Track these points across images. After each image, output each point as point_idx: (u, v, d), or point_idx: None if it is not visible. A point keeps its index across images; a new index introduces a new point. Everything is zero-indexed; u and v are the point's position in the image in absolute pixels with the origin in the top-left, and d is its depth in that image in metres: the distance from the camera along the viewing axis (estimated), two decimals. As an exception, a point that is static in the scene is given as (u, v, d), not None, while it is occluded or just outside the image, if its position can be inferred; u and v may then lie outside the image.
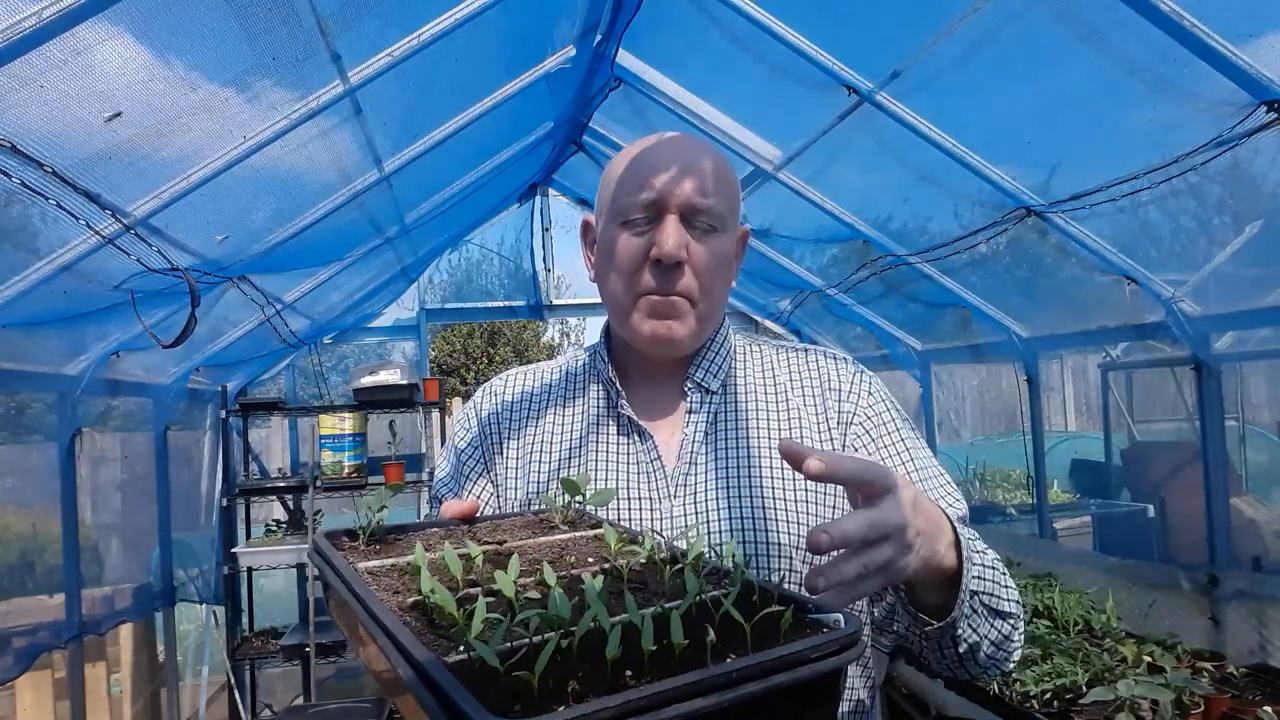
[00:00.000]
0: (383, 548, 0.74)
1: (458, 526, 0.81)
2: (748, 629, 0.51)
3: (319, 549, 0.71)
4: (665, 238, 0.94)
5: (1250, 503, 3.15)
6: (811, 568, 0.65)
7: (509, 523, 0.84)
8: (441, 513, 0.84)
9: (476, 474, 1.08)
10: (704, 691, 0.43)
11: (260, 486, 4.18)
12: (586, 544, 0.76)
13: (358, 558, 0.70)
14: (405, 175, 2.84)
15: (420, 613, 0.57)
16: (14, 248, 1.88)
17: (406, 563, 0.68)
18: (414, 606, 0.58)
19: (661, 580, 0.64)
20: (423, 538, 0.77)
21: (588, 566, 0.68)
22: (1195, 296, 2.62)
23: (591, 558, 0.71)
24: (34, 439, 2.74)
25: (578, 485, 0.81)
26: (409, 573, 0.66)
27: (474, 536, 0.78)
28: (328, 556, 0.68)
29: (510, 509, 1.04)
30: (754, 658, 0.47)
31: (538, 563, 0.67)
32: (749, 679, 0.45)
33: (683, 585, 0.59)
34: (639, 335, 0.99)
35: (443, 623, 0.54)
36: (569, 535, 0.78)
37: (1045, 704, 2.30)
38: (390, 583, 0.64)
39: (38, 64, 1.36)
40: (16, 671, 2.50)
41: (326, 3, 1.73)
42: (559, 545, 0.75)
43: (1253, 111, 1.85)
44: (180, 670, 3.96)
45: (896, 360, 4.40)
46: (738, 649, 0.49)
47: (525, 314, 5.27)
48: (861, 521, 0.65)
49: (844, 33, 2.45)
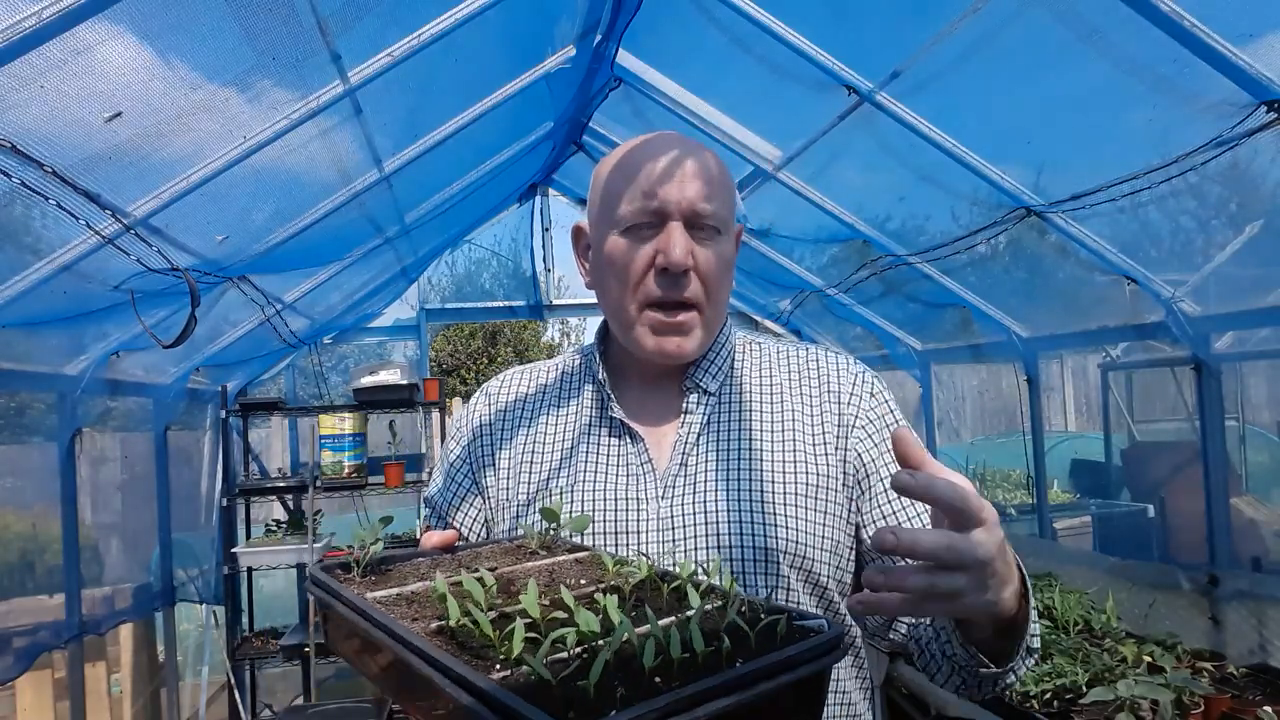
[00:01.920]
0: (378, 578, 0.75)
1: (442, 555, 0.84)
2: (752, 636, 0.57)
3: (320, 581, 0.72)
4: (672, 246, 0.92)
5: (1250, 503, 3.15)
6: (873, 565, 0.64)
7: (488, 550, 0.86)
8: (423, 543, 0.85)
9: (465, 489, 1.08)
10: (728, 691, 0.49)
11: (260, 486, 4.18)
12: (572, 566, 0.78)
13: (362, 589, 0.71)
14: (405, 175, 2.84)
15: (446, 637, 0.59)
16: (14, 248, 1.88)
17: (411, 592, 0.71)
18: (438, 631, 0.61)
19: (660, 597, 0.67)
20: (412, 567, 0.80)
21: (584, 588, 0.71)
22: (1195, 296, 2.62)
23: (585, 580, 0.73)
24: (34, 439, 2.74)
25: (555, 513, 0.84)
26: (416, 601, 0.68)
27: (460, 564, 0.80)
28: (334, 590, 0.69)
29: (504, 514, 1.04)
30: (762, 660, 0.52)
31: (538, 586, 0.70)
32: (762, 678, 0.51)
33: (678, 601, 0.66)
34: (644, 348, 0.97)
35: (472, 644, 0.57)
36: (550, 560, 0.80)
37: (1045, 704, 2.30)
38: (404, 611, 0.66)
39: (38, 64, 1.36)
40: (16, 671, 2.49)
41: (326, 3, 1.73)
42: (546, 569, 0.77)
43: (1253, 111, 1.85)
44: (180, 670, 3.96)
45: (896, 360, 4.40)
46: (743, 654, 0.54)
47: (525, 314, 5.27)
48: (940, 540, 0.62)
49: (844, 32, 2.45)
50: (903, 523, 0.98)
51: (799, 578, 0.94)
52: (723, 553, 0.93)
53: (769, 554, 0.93)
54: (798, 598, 0.94)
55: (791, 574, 0.93)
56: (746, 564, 0.93)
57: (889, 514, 0.98)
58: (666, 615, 0.61)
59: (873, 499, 0.99)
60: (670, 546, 0.94)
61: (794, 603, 0.94)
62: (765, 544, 0.93)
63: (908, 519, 0.98)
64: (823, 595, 0.96)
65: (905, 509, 0.98)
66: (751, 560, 0.93)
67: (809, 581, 0.95)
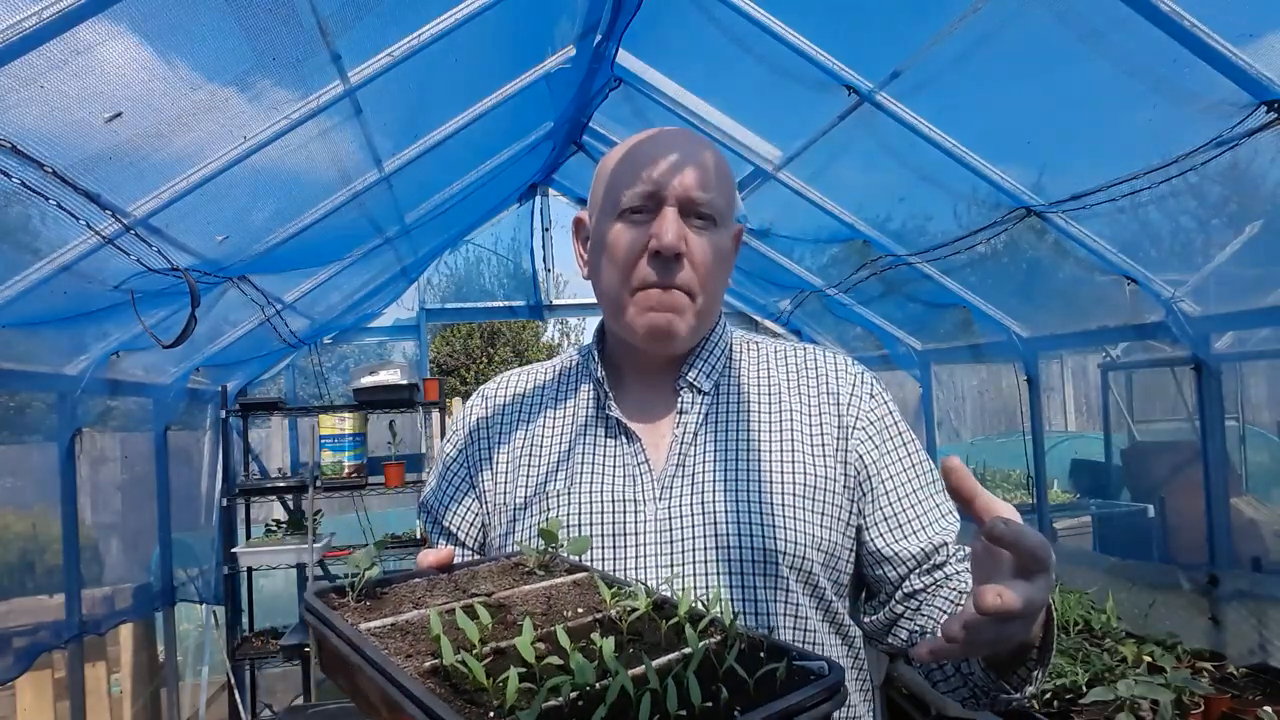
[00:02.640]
0: (374, 604, 0.74)
1: (438, 576, 0.83)
2: (751, 684, 0.55)
3: (314, 610, 0.71)
4: (665, 229, 0.92)
5: (1250, 503, 3.15)
6: (952, 617, 0.65)
7: (485, 569, 0.85)
8: (419, 562, 0.84)
9: (462, 492, 1.07)
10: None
11: (260, 486, 4.18)
12: (569, 590, 0.77)
13: (355, 617, 0.70)
14: (405, 175, 2.84)
15: (440, 678, 0.58)
16: (14, 248, 1.88)
17: (405, 621, 0.70)
18: (432, 671, 0.59)
19: (658, 631, 0.66)
20: (408, 589, 0.78)
21: (581, 618, 0.70)
22: (1195, 296, 2.62)
23: (582, 608, 0.72)
24: (34, 439, 2.74)
25: (554, 534, 0.83)
26: (410, 633, 0.67)
27: (457, 586, 0.79)
28: (329, 620, 0.68)
29: (501, 515, 1.03)
30: (760, 711, 0.51)
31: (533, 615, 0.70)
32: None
33: (677, 636, 0.64)
34: (635, 329, 0.97)
35: (466, 688, 0.56)
36: (549, 583, 0.79)
37: (1045, 704, 2.30)
38: (398, 645, 0.64)
39: (38, 64, 1.36)
40: (16, 671, 2.49)
41: (326, 3, 1.73)
42: (543, 594, 0.76)
43: (1253, 111, 1.85)
44: (180, 670, 3.96)
45: (896, 360, 4.40)
46: (741, 701, 0.53)
47: (525, 314, 5.27)
48: (1024, 600, 0.63)
49: (844, 33, 2.45)
50: (904, 524, 0.98)
51: (797, 579, 0.94)
52: (720, 554, 0.92)
53: (767, 555, 0.92)
54: (797, 599, 0.94)
55: (789, 574, 0.93)
56: (744, 565, 0.92)
57: (891, 515, 0.98)
58: (665, 653, 0.61)
59: (875, 500, 0.99)
60: (667, 549, 0.93)
61: (794, 605, 0.94)
62: (763, 545, 0.92)
63: (909, 520, 0.98)
64: (820, 596, 0.96)
65: (908, 510, 0.99)
66: (749, 561, 0.92)
67: (807, 582, 0.94)
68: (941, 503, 1.00)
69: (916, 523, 0.98)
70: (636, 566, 0.93)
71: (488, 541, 1.05)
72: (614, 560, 0.94)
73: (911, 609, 0.97)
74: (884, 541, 0.98)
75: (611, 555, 0.94)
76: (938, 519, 0.99)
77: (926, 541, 0.97)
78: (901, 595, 0.98)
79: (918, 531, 0.98)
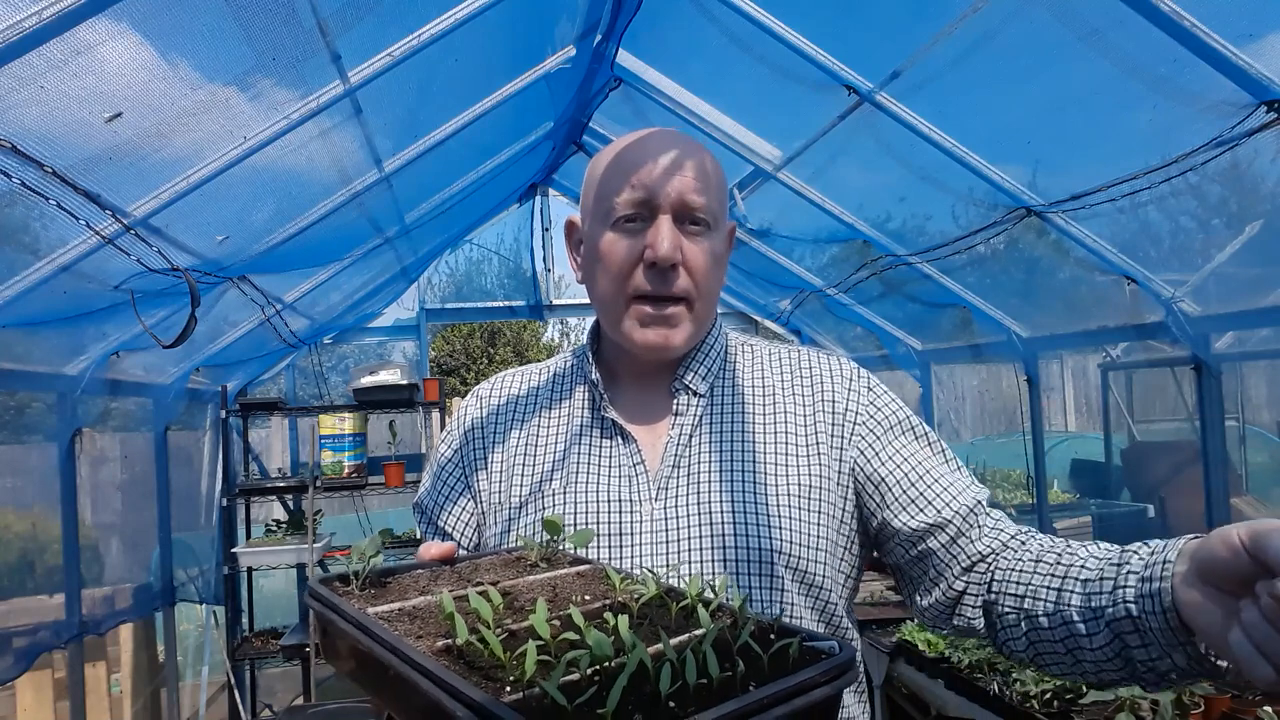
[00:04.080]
0: (379, 591, 0.74)
1: (441, 567, 0.82)
2: (765, 659, 0.56)
3: (320, 596, 0.71)
4: (660, 239, 0.92)
5: (1250, 503, 3.15)
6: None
7: (487, 561, 0.85)
8: (420, 554, 0.83)
9: (457, 492, 1.07)
10: (745, 717, 0.49)
11: (260, 486, 4.19)
12: (574, 580, 0.77)
13: (362, 604, 0.70)
14: (405, 175, 2.84)
15: (453, 656, 0.58)
16: (14, 248, 1.88)
17: (413, 606, 0.69)
18: (445, 650, 0.59)
19: (668, 615, 0.67)
20: (412, 579, 0.78)
21: (590, 604, 0.70)
22: (1195, 296, 2.62)
23: (589, 595, 0.73)
24: (34, 439, 2.74)
25: (558, 526, 0.82)
26: (419, 617, 0.67)
27: (460, 577, 0.79)
28: (335, 605, 0.68)
29: (497, 516, 1.03)
30: (778, 685, 0.52)
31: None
32: (777, 702, 0.51)
33: (686, 620, 0.65)
34: (632, 342, 0.97)
35: (481, 664, 0.56)
36: (551, 574, 0.79)
37: (1045, 704, 2.30)
38: (408, 628, 0.64)
39: (38, 64, 1.36)
40: (16, 671, 2.49)
41: (326, 3, 1.73)
42: (549, 584, 0.76)
43: (1253, 111, 1.85)
44: (180, 670, 3.96)
45: (896, 360, 4.40)
46: (756, 678, 0.54)
47: (525, 314, 5.27)
48: None
49: (844, 33, 2.45)
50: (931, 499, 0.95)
51: (794, 579, 0.93)
52: (717, 554, 0.92)
53: (764, 555, 0.92)
54: (793, 599, 0.94)
55: (787, 575, 0.93)
56: (741, 565, 0.92)
57: (914, 493, 0.95)
58: (676, 634, 0.61)
59: (890, 488, 0.96)
60: (664, 549, 0.93)
61: (790, 605, 0.94)
62: (760, 545, 0.92)
63: (935, 494, 0.95)
64: (816, 596, 0.95)
65: (931, 485, 0.96)
66: (746, 562, 0.92)
67: (805, 583, 0.94)
68: (963, 475, 0.97)
69: (945, 494, 0.95)
70: (633, 566, 0.93)
71: (482, 542, 1.05)
72: (611, 560, 0.94)
73: (976, 581, 0.93)
74: (913, 519, 0.94)
75: (608, 555, 0.94)
76: (965, 487, 0.96)
77: (961, 505, 0.94)
78: (959, 569, 0.93)
79: (949, 501, 0.94)
